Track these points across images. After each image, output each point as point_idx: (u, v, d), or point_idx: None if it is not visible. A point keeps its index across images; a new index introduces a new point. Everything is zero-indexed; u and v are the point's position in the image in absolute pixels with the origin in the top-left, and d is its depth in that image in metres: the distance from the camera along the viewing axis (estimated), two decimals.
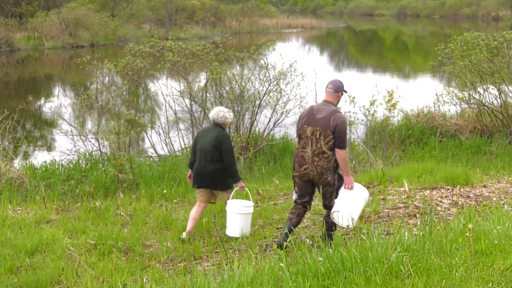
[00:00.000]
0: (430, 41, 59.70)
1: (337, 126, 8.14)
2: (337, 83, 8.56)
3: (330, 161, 8.22)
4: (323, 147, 8.19)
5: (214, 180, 9.49)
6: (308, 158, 8.27)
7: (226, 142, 9.44)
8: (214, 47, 16.06)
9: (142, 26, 59.32)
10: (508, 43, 15.68)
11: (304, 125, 8.35)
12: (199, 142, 9.58)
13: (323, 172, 8.23)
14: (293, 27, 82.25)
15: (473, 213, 8.40)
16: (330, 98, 8.45)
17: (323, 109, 8.32)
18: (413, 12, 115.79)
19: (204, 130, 9.96)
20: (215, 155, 9.35)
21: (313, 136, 8.23)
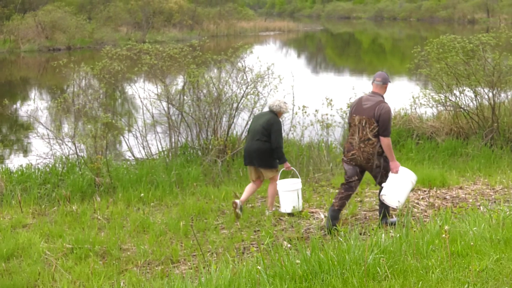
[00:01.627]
0: (406, 43, 60.00)
1: (381, 115, 8.87)
2: (384, 75, 9.43)
3: (375, 147, 8.93)
4: (368, 134, 8.92)
5: (259, 158, 10.37)
6: (355, 145, 9.04)
7: (276, 125, 10.37)
8: (191, 50, 16.03)
9: (119, 29, 59.15)
10: (483, 45, 15.78)
11: (353, 114, 9.15)
12: (252, 124, 10.68)
13: (369, 158, 8.96)
14: (271, 30, 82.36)
15: (449, 214, 8.46)
16: (378, 90, 9.27)
17: (370, 99, 9.12)
18: (389, 15, 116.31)
19: (260, 114, 11.15)
20: (263, 135, 10.29)
21: (360, 124, 9.00)
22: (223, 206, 10.88)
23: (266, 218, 9.95)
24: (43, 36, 50.60)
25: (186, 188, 12.35)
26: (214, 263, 7.12)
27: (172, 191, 12.14)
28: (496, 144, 14.94)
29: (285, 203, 10.25)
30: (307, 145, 15.12)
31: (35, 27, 50.59)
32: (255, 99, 15.26)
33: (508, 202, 9.94)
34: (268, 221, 9.78)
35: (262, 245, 8.11)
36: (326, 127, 15.31)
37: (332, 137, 15.81)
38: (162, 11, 64.66)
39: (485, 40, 15.69)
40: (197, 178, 12.96)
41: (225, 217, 10.26)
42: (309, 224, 9.58)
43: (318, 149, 14.69)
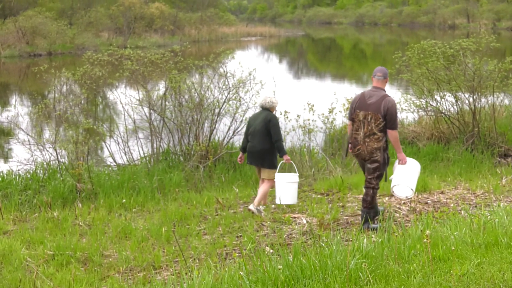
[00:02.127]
0: (387, 49, 60.25)
1: (388, 109, 9.12)
2: (384, 70, 9.55)
3: (380, 142, 9.23)
4: (374, 129, 9.17)
5: (261, 159, 10.99)
6: (360, 140, 9.29)
7: (274, 120, 10.96)
8: (173, 56, 16.01)
9: (101, 35, 59.00)
10: (464, 51, 15.87)
11: (356, 110, 9.31)
12: (251, 125, 11.13)
13: (373, 151, 9.23)
14: (252, 35, 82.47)
15: (430, 219, 8.49)
16: (380, 84, 9.41)
17: (373, 94, 9.28)
18: (370, 21, 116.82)
19: (255, 114, 11.47)
20: (264, 136, 10.87)
21: (365, 119, 9.21)
22: (205, 212, 10.87)
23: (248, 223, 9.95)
24: (24, 42, 50.37)
25: (168, 194, 12.32)
26: (196, 269, 7.10)
27: (154, 197, 12.11)
28: (477, 148, 15.03)
29: (283, 195, 10.63)
30: (289, 150, 15.12)
31: (15, 32, 50.35)
32: (237, 104, 15.26)
33: (488, 206, 10.00)
34: (250, 226, 9.78)
35: (245, 250, 8.11)
36: (308, 132, 15.33)
37: (314, 142, 15.84)
38: (143, 16, 64.60)
39: (465, 45, 15.78)
40: (179, 183, 12.94)
41: (207, 222, 10.25)
42: (291, 230, 9.58)
43: (300, 154, 14.71)
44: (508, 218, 7.73)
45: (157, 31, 65.58)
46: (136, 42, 54.53)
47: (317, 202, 11.11)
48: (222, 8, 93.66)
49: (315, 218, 10.03)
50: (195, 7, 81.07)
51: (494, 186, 11.47)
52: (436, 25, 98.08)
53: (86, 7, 60.89)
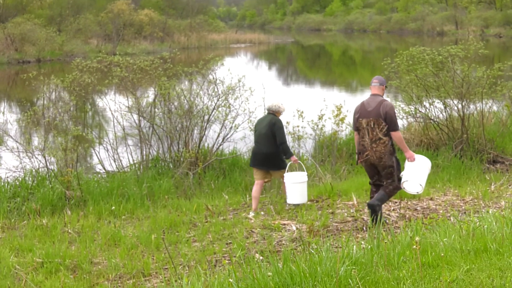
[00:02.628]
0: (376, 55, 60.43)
1: (387, 112, 9.49)
2: (381, 78, 9.95)
3: (387, 146, 9.59)
4: (379, 134, 9.55)
5: (269, 162, 11.35)
6: (367, 146, 9.64)
7: (278, 123, 11.33)
8: (162, 62, 16.00)
9: (90, 41, 58.94)
10: (452, 57, 15.92)
11: (359, 119, 9.70)
12: (257, 129, 11.52)
13: (381, 156, 9.58)
14: (242, 42, 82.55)
15: (420, 226, 8.50)
16: (377, 91, 9.79)
17: (371, 101, 9.68)
18: (360, 27, 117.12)
19: (260, 119, 11.79)
20: (269, 137, 11.23)
21: (368, 126, 9.59)
22: (194, 219, 10.85)
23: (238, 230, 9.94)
24: (13, 49, 50.26)
25: (157, 201, 12.31)
26: (186, 276, 7.09)
27: (144, 204, 12.09)
28: (466, 155, 15.07)
29: (293, 194, 11.01)
30: None
31: (4, 39, 50.24)
32: (226, 111, 15.26)
33: (478, 213, 10.03)
34: (240, 233, 9.77)
35: (234, 257, 8.10)
36: (297, 139, 15.36)
37: (304, 149, 15.86)
38: (132, 23, 64.58)
39: (454, 52, 15.84)
40: (168, 190, 12.92)
41: (196, 229, 10.23)
42: (281, 236, 9.58)
43: None
44: (497, 224, 7.75)
45: (146, 38, 65.57)
46: (126, 49, 54.56)
47: (306, 209, 11.11)
48: (211, 15, 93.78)
49: (304, 224, 10.03)
50: (185, 14, 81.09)
51: (483, 193, 11.51)
52: (425, 32, 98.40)
53: (75, 14, 60.78)
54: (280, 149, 11.28)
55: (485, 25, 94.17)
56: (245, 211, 11.39)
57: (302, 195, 11.06)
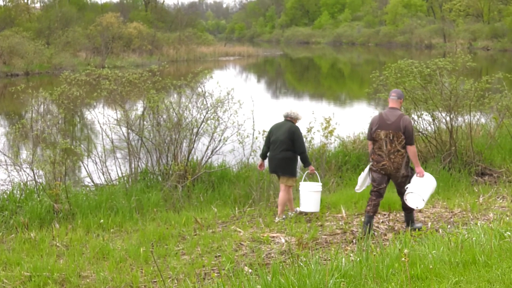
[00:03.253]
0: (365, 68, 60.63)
1: (406, 127, 9.91)
2: (399, 92, 10.32)
3: (404, 157, 9.99)
4: (397, 146, 9.96)
5: (282, 167, 11.58)
6: (385, 156, 10.03)
7: (298, 131, 11.58)
8: (151, 75, 16.01)
9: (78, 54, 58.83)
10: (440, 70, 15.98)
11: (377, 130, 10.07)
12: (273, 134, 11.67)
13: (398, 167, 10.00)
14: (231, 55, 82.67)
15: (408, 238, 8.51)
16: (395, 104, 10.17)
17: (391, 114, 10.03)
18: (348, 40, 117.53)
19: (278, 124, 11.85)
20: (287, 145, 11.43)
21: (386, 138, 9.98)
22: (183, 232, 10.83)
23: (227, 243, 9.93)
24: (1, 62, 50.13)
25: (146, 214, 12.27)
26: None
27: (132, 217, 12.05)
28: (454, 167, 15.10)
29: (307, 202, 11.31)
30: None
31: None
32: (215, 124, 15.26)
33: (466, 225, 10.05)
34: (229, 246, 9.75)
35: (223, 270, 8.09)
36: None
37: None
38: (121, 36, 64.56)
39: (442, 65, 15.90)
40: (157, 203, 12.89)
41: (185, 242, 10.21)
42: (270, 249, 9.57)
43: None
44: (485, 236, 7.77)
45: (135, 50, 65.56)
46: (114, 62, 54.54)
47: (295, 221, 11.11)
48: (200, 28, 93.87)
49: (293, 237, 10.03)
50: (173, 27, 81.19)
51: (471, 205, 11.54)
52: (413, 45, 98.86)
53: (63, 27, 60.70)
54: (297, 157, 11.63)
55: (473, 38, 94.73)
56: (234, 223, 11.38)
57: (316, 204, 11.35)
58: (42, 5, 75.59)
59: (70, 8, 69.98)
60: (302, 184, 11.46)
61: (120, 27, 65.89)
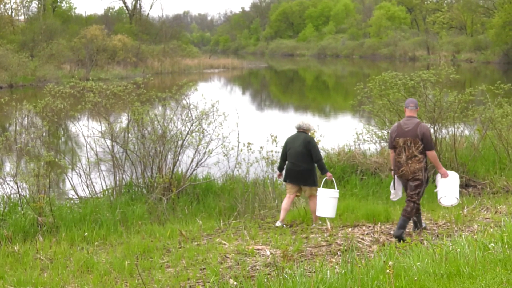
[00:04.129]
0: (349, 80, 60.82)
1: (424, 133, 10.47)
2: (415, 101, 10.90)
3: (421, 163, 10.50)
4: (415, 152, 10.48)
5: (304, 178, 11.95)
6: (403, 162, 10.58)
7: (313, 141, 12.05)
8: (135, 88, 15.99)
9: (62, 67, 58.68)
10: (424, 82, 16.07)
11: (396, 138, 10.61)
12: (290, 147, 12.05)
13: (416, 171, 10.50)
14: (215, 67, 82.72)
15: (393, 250, 8.52)
16: (413, 113, 10.70)
17: (409, 122, 10.59)
18: (332, 53, 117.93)
19: (293, 137, 12.20)
20: (306, 157, 11.84)
21: (405, 145, 10.52)
22: (168, 244, 10.79)
23: (212, 255, 9.90)
24: None
25: (131, 227, 12.23)
26: None
27: (117, 229, 12.00)
28: None
29: (324, 208, 11.51)
30: (253, 182, 15.16)
31: None
32: (200, 136, 15.26)
33: (450, 236, 10.08)
34: (214, 259, 9.73)
35: (208, 283, 8.07)
36: (271, 163, 15.36)
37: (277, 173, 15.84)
38: (105, 48, 64.47)
39: (425, 77, 16.00)
40: (142, 216, 12.86)
41: (170, 255, 10.18)
42: (255, 261, 9.55)
43: (264, 186, 14.73)
44: (469, 248, 7.79)
45: (119, 63, 65.46)
46: (99, 74, 54.38)
47: (280, 234, 11.11)
48: (185, 40, 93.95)
49: (279, 249, 10.01)
50: (158, 39, 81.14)
51: (455, 216, 11.57)
52: (397, 57, 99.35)
53: (48, 39, 60.58)
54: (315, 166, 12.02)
55: (456, 50, 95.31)
56: (219, 236, 11.36)
57: (332, 209, 11.56)
58: (26, 17, 75.34)
59: (55, 20, 69.81)
60: (320, 190, 11.67)
61: (105, 40, 65.83)
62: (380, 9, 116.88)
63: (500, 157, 16.19)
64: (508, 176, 15.20)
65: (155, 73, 63.37)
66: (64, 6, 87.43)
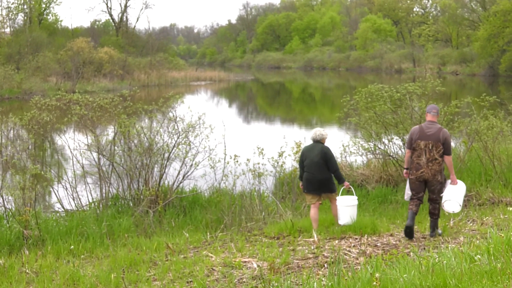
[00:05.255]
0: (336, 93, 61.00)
1: (446, 139, 11.13)
2: (437, 108, 11.61)
3: (441, 165, 11.16)
4: (436, 155, 11.10)
5: (324, 186, 12.37)
6: (423, 164, 11.15)
7: (330, 152, 12.45)
8: (122, 100, 15.97)
9: (49, 79, 58.55)
10: (410, 94, 16.14)
11: (417, 140, 11.18)
12: (307, 157, 12.39)
13: (435, 174, 11.16)
14: (202, 79, 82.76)
15: (380, 262, 8.52)
16: (434, 119, 11.36)
17: (431, 127, 11.20)
18: (319, 65, 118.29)
19: (308, 147, 12.59)
20: (323, 167, 12.24)
21: (426, 148, 11.10)
22: (155, 257, 10.76)
23: (199, 268, 9.88)
24: None
25: (117, 240, 12.19)
26: None
27: (103, 242, 11.96)
28: None
29: (344, 216, 12.00)
30: (239, 194, 15.15)
31: None
32: (186, 148, 15.25)
33: (437, 248, 10.09)
34: (200, 271, 9.71)
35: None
36: (258, 176, 15.37)
37: (264, 186, 15.86)
38: (92, 61, 64.42)
39: (411, 89, 16.06)
40: (128, 229, 12.82)
41: (157, 268, 10.14)
42: (242, 274, 9.54)
43: (250, 198, 14.72)
44: (456, 260, 7.81)
45: (106, 75, 65.40)
46: (85, 86, 54.34)
47: (267, 246, 11.09)
48: (171, 52, 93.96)
49: (265, 262, 10.00)
50: (145, 52, 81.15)
51: (442, 228, 11.60)
52: (383, 70, 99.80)
53: (34, 51, 60.50)
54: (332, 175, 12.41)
55: (442, 63, 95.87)
56: (205, 248, 11.33)
57: (352, 216, 12.00)
58: (12, 30, 75.18)
59: (41, 33, 69.71)
60: (339, 198, 12.15)
61: (91, 52, 65.77)
62: (366, 21, 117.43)
63: (486, 169, 16.24)
64: (494, 188, 15.25)
65: (142, 85, 63.34)
66: (50, 19, 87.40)
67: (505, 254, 7.38)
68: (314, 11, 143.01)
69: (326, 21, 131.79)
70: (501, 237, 7.79)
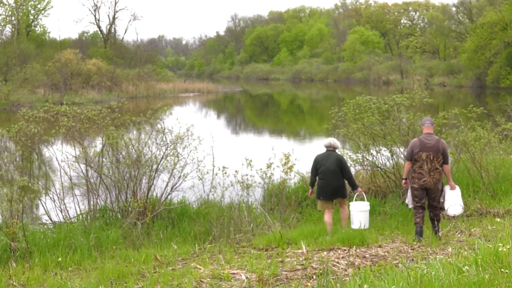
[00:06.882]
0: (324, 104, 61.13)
1: (444, 149, 11.96)
2: (431, 119, 12.28)
3: (441, 174, 11.98)
4: (437, 165, 11.89)
5: (338, 192, 13.12)
6: (425, 174, 11.90)
7: (344, 160, 13.38)
8: (110, 112, 15.95)
9: (36, 91, 58.45)
10: (398, 106, 16.19)
11: (419, 152, 11.88)
12: (321, 165, 13.09)
13: (436, 182, 11.97)
14: (190, 91, 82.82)
15: (368, 273, 8.52)
16: (431, 130, 12.12)
17: (430, 139, 11.96)
18: (307, 77, 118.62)
19: (323, 155, 13.28)
20: (338, 174, 12.99)
21: (427, 158, 11.85)
22: (143, 269, 10.72)
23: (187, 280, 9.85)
24: None
25: (105, 252, 12.14)
26: None
27: (91, 255, 11.91)
28: None
29: (357, 221, 12.71)
30: (228, 205, 15.12)
31: None
32: (174, 160, 15.23)
33: (425, 259, 10.10)
34: (189, 283, 9.68)
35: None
36: (246, 187, 15.36)
37: (253, 197, 15.84)
38: (80, 72, 64.37)
39: (399, 100, 16.12)
40: (116, 241, 12.77)
41: (145, 280, 10.10)
42: (231, 286, 9.52)
43: (239, 210, 14.70)
44: (444, 271, 7.82)
45: (94, 87, 65.33)
46: (73, 98, 54.27)
47: (256, 258, 11.07)
48: (160, 64, 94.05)
49: (254, 274, 9.98)
50: (133, 63, 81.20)
51: (430, 239, 11.62)
52: (371, 81, 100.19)
53: (21, 63, 60.39)
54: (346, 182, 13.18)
55: (430, 74, 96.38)
56: (194, 260, 11.30)
57: (365, 221, 12.77)
58: (0, 41, 75.04)
59: (29, 44, 69.66)
60: (352, 204, 12.91)
61: (79, 64, 65.71)
62: (354, 33, 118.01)
63: (474, 180, 16.30)
64: (481, 199, 15.30)
65: (130, 97, 63.24)
66: (38, 30, 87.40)
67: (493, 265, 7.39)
68: (302, 23, 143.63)
69: (314, 33, 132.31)
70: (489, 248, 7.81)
